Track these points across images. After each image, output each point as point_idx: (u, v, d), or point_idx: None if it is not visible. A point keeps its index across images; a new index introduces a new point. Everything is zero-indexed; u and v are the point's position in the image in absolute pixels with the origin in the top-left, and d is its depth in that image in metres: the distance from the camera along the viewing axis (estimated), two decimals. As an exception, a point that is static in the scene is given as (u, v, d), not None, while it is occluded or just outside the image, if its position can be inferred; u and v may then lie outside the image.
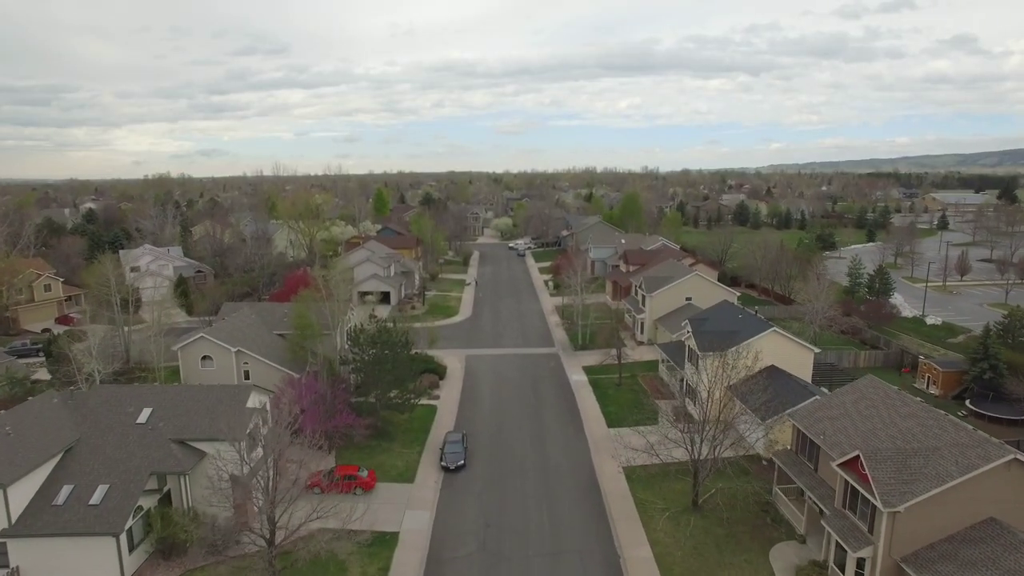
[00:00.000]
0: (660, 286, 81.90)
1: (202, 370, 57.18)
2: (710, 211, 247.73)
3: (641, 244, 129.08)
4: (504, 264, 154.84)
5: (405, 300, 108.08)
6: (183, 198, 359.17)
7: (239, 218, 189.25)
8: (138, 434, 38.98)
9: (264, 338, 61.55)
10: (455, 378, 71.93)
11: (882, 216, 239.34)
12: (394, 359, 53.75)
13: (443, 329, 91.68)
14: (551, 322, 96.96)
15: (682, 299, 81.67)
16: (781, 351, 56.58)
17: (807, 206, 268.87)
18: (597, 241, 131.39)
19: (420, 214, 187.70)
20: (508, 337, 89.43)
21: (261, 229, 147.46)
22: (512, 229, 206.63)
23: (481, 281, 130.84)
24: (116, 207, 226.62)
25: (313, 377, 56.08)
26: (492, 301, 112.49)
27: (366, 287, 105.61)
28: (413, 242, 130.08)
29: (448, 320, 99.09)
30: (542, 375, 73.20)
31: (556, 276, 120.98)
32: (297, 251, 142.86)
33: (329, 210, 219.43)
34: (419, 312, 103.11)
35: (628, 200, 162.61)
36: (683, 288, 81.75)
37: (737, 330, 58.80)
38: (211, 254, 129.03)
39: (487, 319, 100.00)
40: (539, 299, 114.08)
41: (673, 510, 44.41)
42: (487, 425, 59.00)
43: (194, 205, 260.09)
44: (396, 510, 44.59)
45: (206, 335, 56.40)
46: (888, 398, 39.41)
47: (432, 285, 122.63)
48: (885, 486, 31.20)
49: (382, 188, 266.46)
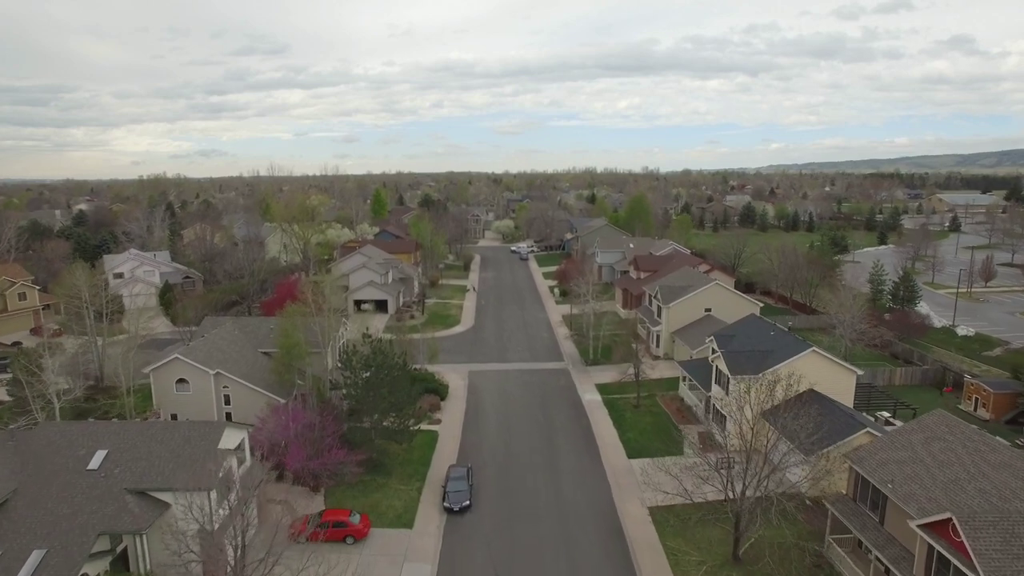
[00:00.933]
0: (677, 296, 76.16)
1: (177, 394, 51.40)
2: (716, 213, 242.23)
3: (650, 249, 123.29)
4: (507, 269, 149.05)
5: (403, 308, 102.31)
6: (179, 199, 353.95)
7: (232, 220, 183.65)
8: (88, 483, 33.19)
9: (248, 357, 55.77)
10: (458, 398, 66.15)
11: (892, 218, 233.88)
12: (391, 382, 47.95)
13: (444, 341, 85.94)
14: (559, 333, 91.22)
15: (701, 310, 75.95)
16: (821, 373, 50.85)
17: (814, 207, 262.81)
18: (604, 245, 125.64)
19: (419, 216, 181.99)
20: (514, 350, 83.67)
21: (253, 232, 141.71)
22: (514, 232, 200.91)
23: (483, 287, 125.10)
24: (107, 209, 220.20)
25: (301, 403, 50.31)
26: (495, 309, 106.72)
27: (362, 295, 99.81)
28: (412, 246, 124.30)
29: (449, 331, 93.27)
30: (552, 394, 67.43)
31: (562, 282, 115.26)
32: (291, 255, 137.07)
33: (326, 211, 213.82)
34: (418, 321, 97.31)
35: (635, 202, 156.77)
36: (702, 299, 76.01)
37: (770, 349, 53.09)
38: (200, 259, 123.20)
39: (491, 329, 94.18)
40: (545, 307, 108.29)
41: (711, 563, 38.67)
42: (494, 454, 53.24)
43: (187, 207, 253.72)
44: (393, 563, 38.79)
45: (181, 356, 50.58)
46: (968, 440, 33.67)
47: (432, 292, 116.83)
48: (992, 562, 25.44)
49: (380, 189, 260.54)
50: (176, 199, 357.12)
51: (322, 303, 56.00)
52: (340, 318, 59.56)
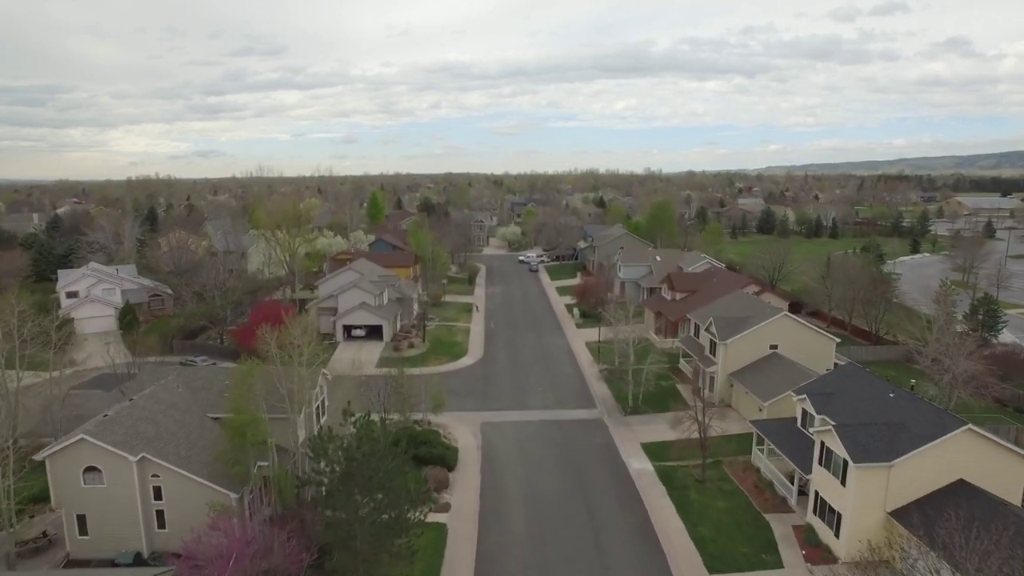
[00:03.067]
0: (737, 331, 62.08)
1: (85, 488, 37.20)
2: (734, 218, 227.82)
3: (679, 262, 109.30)
4: (516, 282, 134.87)
5: (401, 335, 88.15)
6: (168, 202, 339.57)
7: (214, 227, 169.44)
8: None
9: (191, 428, 41.60)
10: (470, 466, 52.04)
11: (920, 223, 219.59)
12: (383, 479, 33.56)
13: (450, 378, 72.06)
14: (585, 366, 77.18)
15: (765, 347, 61.93)
16: (976, 460, 36.88)
17: (834, 211, 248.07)
18: (627, 258, 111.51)
19: (418, 223, 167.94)
20: (533, 392, 69.54)
21: (234, 242, 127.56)
22: (521, 238, 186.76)
23: (491, 305, 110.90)
24: (85, 213, 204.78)
25: (260, 503, 36.07)
26: (507, 334, 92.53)
27: (352, 319, 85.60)
28: (411, 259, 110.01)
29: (454, 364, 79.04)
30: (588, 460, 53.22)
31: (581, 301, 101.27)
32: (275, 268, 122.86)
33: (319, 216, 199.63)
34: (419, 351, 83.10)
35: (658, 209, 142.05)
36: (767, 334, 61.98)
37: (900, 422, 39.01)
38: (174, 271, 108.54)
39: (503, 362, 79.97)
40: (564, 331, 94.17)
41: None
42: (523, 565, 39.05)
43: (172, 210, 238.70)
44: None
45: (89, 436, 36.32)
46: None
47: (434, 311, 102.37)
48: None
49: (377, 192, 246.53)
50: (165, 202, 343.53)
51: (296, 349, 41.50)
52: (319, 372, 45.30)
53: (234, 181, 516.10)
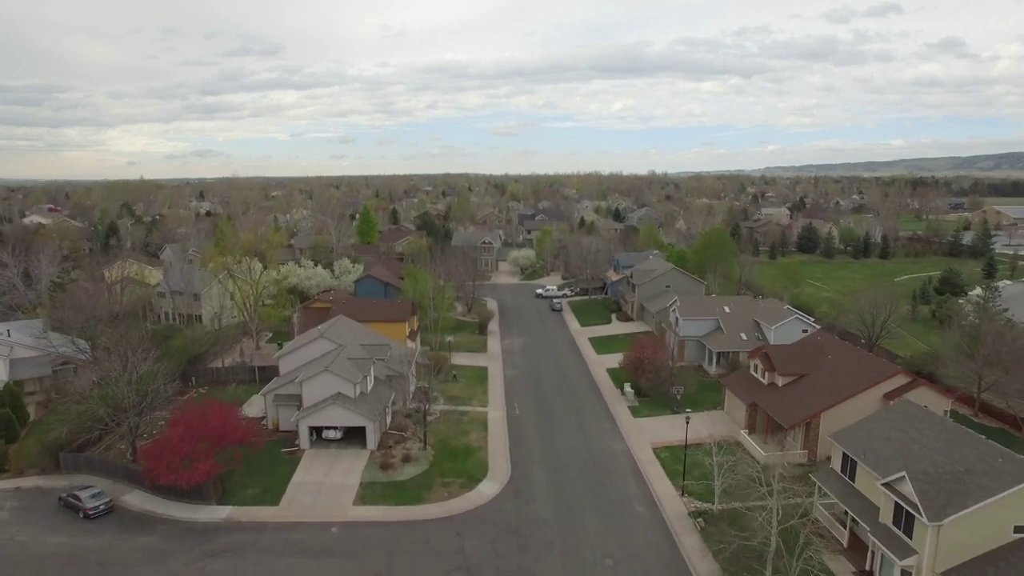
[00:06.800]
0: (957, 501, 36.66)
1: None
2: (770, 235, 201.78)
3: (755, 314, 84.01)
4: (538, 328, 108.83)
5: (393, 434, 62.69)
6: (146, 209, 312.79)
7: (174, 253, 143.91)
8: None
9: None
10: None
11: (983, 240, 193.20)
12: None
13: (468, 526, 46.77)
14: (662, 499, 51.66)
15: (1008, 529, 36.66)
16: None
17: (880, 227, 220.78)
18: (687, 310, 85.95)
19: (416, 247, 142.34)
20: (597, 557, 43.98)
21: (185, 280, 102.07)
22: (535, 263, 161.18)
23: (511, 372, 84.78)
24: (31, 231, 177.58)
25: None
26: (539, 429, 66.83)
27: (323, 419, 59.79)
28: (407, 311, 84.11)
29: (470, 498, 52.83)
30: None
31: (635, 376, 75.66)
32: (232, 315, 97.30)
33: (301, 234, 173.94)
34: (416, 468, 57.15)
35: (712, 238, 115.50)
36: (1013, 506, 36.60)
37: None
38: (89, 322, 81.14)
39: (541, 491, 54.14)
40: (616, 420, 68.63)
41: None
42: None
43: (140, 223, 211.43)
44: None
45: None
46: None
47: (437, 384, 75.59)
48: None
49: (369, 206, 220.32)
50: (143, 208, 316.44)
51: None
52: None
53: (228, 182, 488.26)
